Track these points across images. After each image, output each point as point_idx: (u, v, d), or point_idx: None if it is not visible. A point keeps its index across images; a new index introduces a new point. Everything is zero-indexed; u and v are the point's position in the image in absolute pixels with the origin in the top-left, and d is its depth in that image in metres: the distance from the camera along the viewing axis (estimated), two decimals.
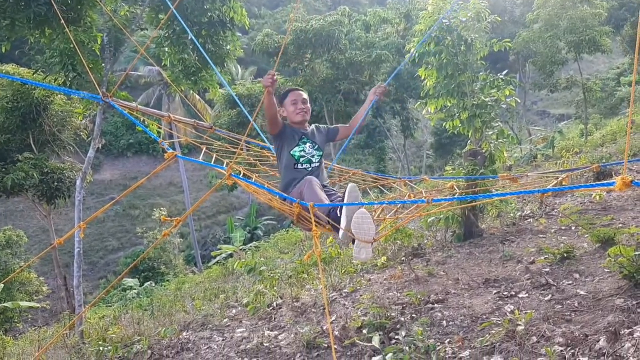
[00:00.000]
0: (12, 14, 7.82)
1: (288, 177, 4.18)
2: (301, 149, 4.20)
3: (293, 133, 4.24)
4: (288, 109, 4.26)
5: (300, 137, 4.24)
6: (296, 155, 4.18)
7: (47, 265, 25.83)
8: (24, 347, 11.07)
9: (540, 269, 6.54)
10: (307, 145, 4.23)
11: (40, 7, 7.72)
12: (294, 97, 4.26)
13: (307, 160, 4.21)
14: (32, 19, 8.06)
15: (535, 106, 48.99)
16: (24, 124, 14.82)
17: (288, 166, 4.19)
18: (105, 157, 41.88)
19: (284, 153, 4.22)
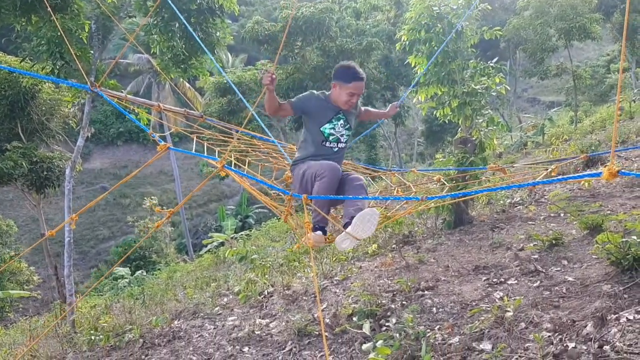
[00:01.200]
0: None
1: (311, 150, 4.07)
2: (332, 126, 4.07)
3: (328, 108, 4.09)
4: (341, 94, 4.05)
5: (335, 113, 4.09)
6: (326, 132, 4.05)
7: (37, 254, 25.75)
8: (15, 337, 11.07)
9: (529, 256, 6.59)
10: (339, 123, 4.10)
11: None
12: (356, 90, 4.05)
13: (336, 139, 4.10)
14: (18, 6, 7.96)
15: (525, 93, 49.12)
16: (12, 113, 14.69)
17: (315, 141, 4.07)
18: (95, 146, 41.65)
19: (313, 127, 4.08)
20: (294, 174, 4.16)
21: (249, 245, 15.77)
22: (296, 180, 4.11)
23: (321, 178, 3.75)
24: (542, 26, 21.59)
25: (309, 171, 3.88)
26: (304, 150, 4.14)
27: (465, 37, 9.74)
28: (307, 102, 4.08)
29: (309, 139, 4.12)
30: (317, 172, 3.80)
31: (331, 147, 4.09)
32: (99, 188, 38.44)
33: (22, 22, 8.66)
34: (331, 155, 4.07)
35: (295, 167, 4.15)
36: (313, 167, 3.88)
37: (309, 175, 3.87)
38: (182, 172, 37.09)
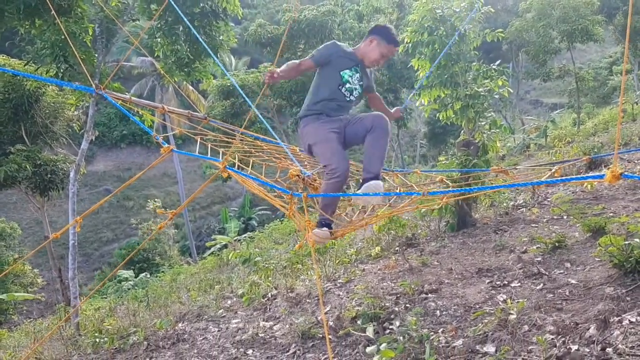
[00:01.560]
0: (1, 4, 7.77)
1: (324, 93, 3.97)
2: (351, 75, 4.01)
3: (349, 58, 4.04)
4: (375, 51, 4.05)
5: (355, 64, 4.06)
6: (345, 77, 3.99)
7: (41, 257, 25.81)
8: (20, 339, 11.09)
9: (533, 259, 6.60)
10: (357, 75, 4.06)
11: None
12: (390, 53, 4.10)
13: (350, 90, 4.03)
14: (21, 10, 7.99)
15: (528, 95, 49.05)
16: (15, 116, 14.72)
17: (331, 85, 3.97)
18: (98, 149, 41.73)
19: (331, 71, 3.99)
20: (302, 129, 4.04)
21: (252, 247, 15.79)
22: (303, 137, 4.03)
23: (332, 177, 3.69)
24: (545, 28, 21.59)
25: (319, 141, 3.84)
26: (316, 94, 4.02)
27: (468, 39, 9.75)
28: (330, 50, 4.02)
29: (323, 82, 4.01)
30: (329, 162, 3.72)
31: (345, 94, 4.00)
32: (103, 190, 38.50)
33: (25, 25, 8.70)
34: (343, 104, 4.01)
35: (305, 120, 4.02)
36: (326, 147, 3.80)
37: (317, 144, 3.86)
38: (185, 174, 37.15)
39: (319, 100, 3.96)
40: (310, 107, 4.00)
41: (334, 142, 3.82)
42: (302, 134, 4.02)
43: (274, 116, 25.89)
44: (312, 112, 3.98)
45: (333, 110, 3.97)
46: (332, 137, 3.83)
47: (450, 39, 9.56)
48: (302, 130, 4.04)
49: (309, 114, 3.99)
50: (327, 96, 3.95)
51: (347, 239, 11.46)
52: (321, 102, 3.95)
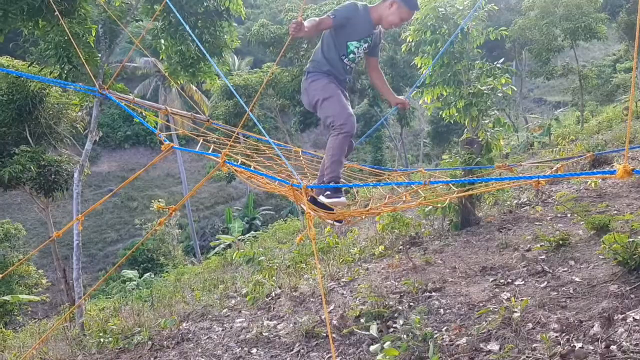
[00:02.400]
0: (5, 5, 7.77)
1: (327, 57, 4.06)
2: (357, 46, 4.07)
3: (364, 26, 4.04)
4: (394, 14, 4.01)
5: (367, 35, 4.08)
6: (350, 48, 4.05)
7: (46, 257, 25.90)
8: (25, 340, 11.13)
9: (537, 257, 6.59)
10: (364, 45, 4.11)
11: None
12: (409, 18, 4.12)
13: (353, 59, 4.12)
14: (25, 11, 8.01)
15: (531, 93, 48.97)
16: (19, 117, 14.77)
17: (334, 53, 4.05)
18: (102, 149, 41.84)
19: (339, 38, 4.03)
20: (310, 84, 4.10)
21: (256, 247, 15.81)
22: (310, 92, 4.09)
23: (341, 131, 3.79)
24: (548, 26, 21.54)
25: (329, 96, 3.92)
26: (319, 57, 4.11)
27: (471, 37, 9.74)
28: (349, 14, 3.98)
29: (327, 48, 4.08)
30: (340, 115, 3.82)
31: (346, 64, 4.11)
32: (107, 191, 38.60)
33: (29, 26, 8.71)
34: (342, 72, 4.11)
35: (313, 75, 4.10)
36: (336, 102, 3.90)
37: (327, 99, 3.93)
38: (189, 175, 37.21)
39: (325, 62, 4.07)
40: (319, 65, 4.09)
41: (342, 98, 3.97)
42: (310, 88, 4.09)
43: (277, 115, 25.90)
44: (321, 70, 4.08)
45: (338, 77, 4.11)
46: (340, 94, 3.99)
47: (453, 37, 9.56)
48: (309, 84, 4.11)
49: (317, 70, 4.09)
50: (327, 64, 4.07)
51: (351, 238, 11.46)
52: (328, 64, 4.06)
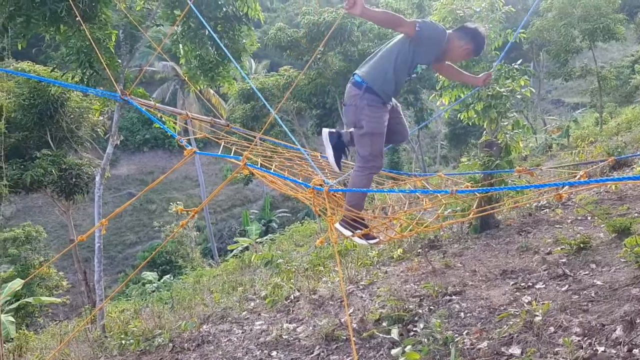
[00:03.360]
0: (27, 11, 7.90)
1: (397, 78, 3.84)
2: (423, 67, 4.01)
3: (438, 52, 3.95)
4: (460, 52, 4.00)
5: (434, 59, 4.04)
6: (417, 69, 3.97)
7: (66, 260, 26.20)
8: (46, 342, 11.27)
9: (557, 260, 6.55)
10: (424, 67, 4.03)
11: (56, 5, 7.79)
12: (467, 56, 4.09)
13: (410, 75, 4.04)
14: (47, 17, 8.13)
15: (549, 95, 48.55)
16: (41, 121, 15.00)
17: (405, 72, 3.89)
18: (122, 153, 42.24)
19: (416, 58, 3.85)
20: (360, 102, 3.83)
21: (274, 249, 15.86)
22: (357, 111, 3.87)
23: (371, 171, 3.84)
24: (566, 27, 21.36)
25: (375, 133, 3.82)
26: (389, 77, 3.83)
27: (489, 39, 9.70)
28: (436, 36, 3.82)
29: (401, 66, 3.84)
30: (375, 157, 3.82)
31: (407, 80, 4.07)
32: (126, 194, 38.97)
33: (51, 31, 8.83)
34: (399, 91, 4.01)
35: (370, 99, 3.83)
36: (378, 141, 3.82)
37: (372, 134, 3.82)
38: (206, 178, 37.42)
39: (391, 86, 3.85)
40: (383, 88, 3.84)
41: (383, 139, 3.86)
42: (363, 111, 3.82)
43: (294, 119, 25.96)
44: (382, 94, 3.84)
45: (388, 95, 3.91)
46: (384, 132, 3.85)
47: None
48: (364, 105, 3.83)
49: (379, 93, 3.83)
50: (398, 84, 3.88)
51: None
52: (391, 89, 3.86)
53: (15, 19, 7.70)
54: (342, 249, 10.53)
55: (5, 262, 20.69)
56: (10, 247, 21.20)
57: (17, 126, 14.92)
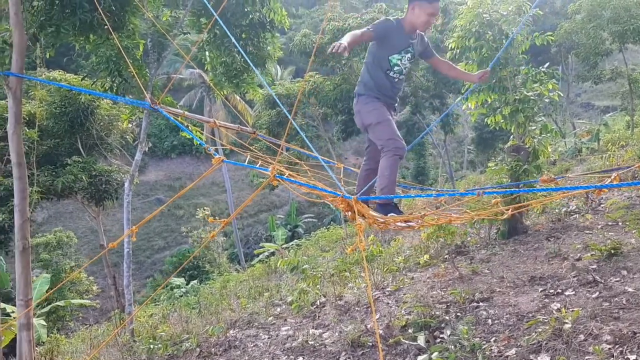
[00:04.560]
0: (58, 21, 8.06)
1: (375, 78, 4.22)
2: (400, 58, 4.20)
3: (400, 39, 4.19)
4: (421, 15, 4.15)
5: (406, 46, 4.22)
6: (393, 61, 4.19)
7: (96, 265, 26.55)
8: (77, 345, 11.47)
9: (587, 266, 6.45)
10: (407, 56, 4.23)
11: (85, 14, 7.96)
12: (435, 10, 4.17)
13: (399, 71, 4.24)
14: (77, 26, 8.29)
15: (579, 98, 47.78)
16: (72, 129, 15.29)
17: (380, 68, 4.21)
18: (150, 159, 42.75)
19: (381, 54, 4.21)
20: (361, 107, 4.28)
21: (300, 255, 15.89)
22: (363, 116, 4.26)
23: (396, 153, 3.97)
24: (595, 30, 21.01)
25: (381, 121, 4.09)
26: (367, 78, 4.27)
27: (517, 43, 9.61)
28: (387, 29, 4.18)
29: (373, 66, 4.25)
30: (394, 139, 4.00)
31: (393, 78, 4.24)
32: (155, 200, 39.44)
33: (80, 41, 9.00)
34: (390, 86, 4.23)
35: (364, 99, 4.27)
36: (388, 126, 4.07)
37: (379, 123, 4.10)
38: (233, 183, 37.69)
39: (374, 85, 4.22)
40: (368, 89, 4.24)
41: (392, 123, 4.14)
42: (362, 111, 4.26)
43: (319, 124, 26.00)
44: (371, 93, 4.23)
45: (387, 97, 4.25)
46: (390, 119, 4.15)
47: (498, 43, 9.45)
48: (361, 107, 4.28)
49: (367, 93, 4.25)
50: (379, 82, 4.21)
51: (395, 246, 11.41)
52: (376, 87, 4.21)
53: (46, 28, 7.85)
54: (367, 254, 10.50)
55: (37, 266, 21.07)
56: (42, 252, 21.61)
57: (49, 134, 15.23)
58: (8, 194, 12.25)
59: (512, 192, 3.80)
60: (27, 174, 6.91)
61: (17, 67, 6.33)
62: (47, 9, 7.55)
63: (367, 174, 4.51)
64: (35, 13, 7.44)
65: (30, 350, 6.69)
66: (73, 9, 7.66)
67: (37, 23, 7.50)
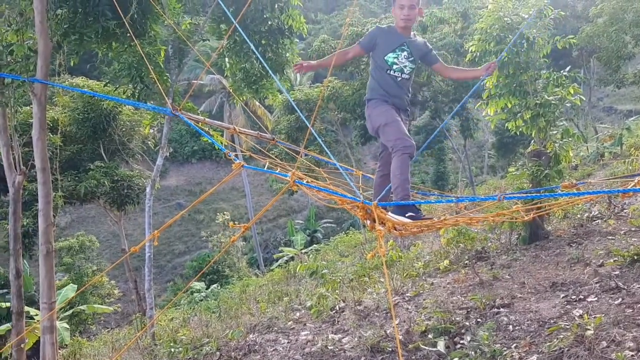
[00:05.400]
0: (81, 28, 8.19)
1: (378, 80, 4.31)
2: (396, 56, 4.25)
3: (392, 38, 4.28)
4: (395, 12, 4.27)
5: (400, 44, 4.27)
6: (389, 60, 4.25)
7: (118, 269, 26.86)
8: (99, 348, 11.60)
9: (610, 272, 6.37)
10: (403, 54, 4.27)
11: (108, 22, 8.08)
12: (402, 1, 4.21)
13: (400, 70, 4.28)
14: (100, 34, 8.42)
15: (601, 102, 47.18)
16: (94, 134, 15.52)
17: (381, 69, 4.29)
18: (171, 164, 43.12)
19: (378, 57, 4.31)
20: (371, 111, 4.37)
21: (319, 259, 15.89)
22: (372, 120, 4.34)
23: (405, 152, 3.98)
24: (617, 33, 20.76)
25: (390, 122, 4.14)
26: (372, 83, 4.39)
27: (537, 46, 9.53)
28: (373, 36, 4.34)
29: (375, 70, 4.37)
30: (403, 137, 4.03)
31: (395, 76, 4.28)
32: (175, 204, 39.75)
33: (103, 48, 9.14)
34: (394, 85, 4.28)
35: (373, 103, 4.36)
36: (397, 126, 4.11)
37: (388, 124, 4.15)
38: (252, 188, 37.86)
39: (379, 87, 4.31)
40: (375, 92, 4.34)
41: (401, 124, 4.18)
42: (372, 115, 4.34)
43: (338, 129, 26.03)
44: (378, 96, 4.32)
45: (394, 97, 4.30)
46: (399, 120, 4.20)
47: (518, 47, 9.38)
48: (370, 111, 4.37)
49: (375, 97, 4.34)
50: (382, 83, 4.30)
51: (414, 252, 11.37)
52: (382, 88, 4.30)
53: (70, 36, 7.98)
54: (387, 259, 10.48)
55: (60, 270, 21.37)
56: (65, 256, 21.92)
57: (72, 139, 15.46)
58: (32, 198, 12.44)
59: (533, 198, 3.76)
60: (51, 179, 7.03)
61: (42, 73, 6.44)
62: (71, 17, 7.67)
63: (382, 180, 4.51)
64: (59, 21, 7.57)
65: (53, 352, 6.78)
66: (96, 17, 7.77)
67: (61, 31, 7.63)
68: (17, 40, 6.39)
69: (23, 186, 7.21)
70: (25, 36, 6.52)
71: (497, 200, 3.22)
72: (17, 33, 6.43)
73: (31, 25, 6.52)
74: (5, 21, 6.59)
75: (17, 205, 7.01)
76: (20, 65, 6.48)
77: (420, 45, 4.42)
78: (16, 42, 6.37)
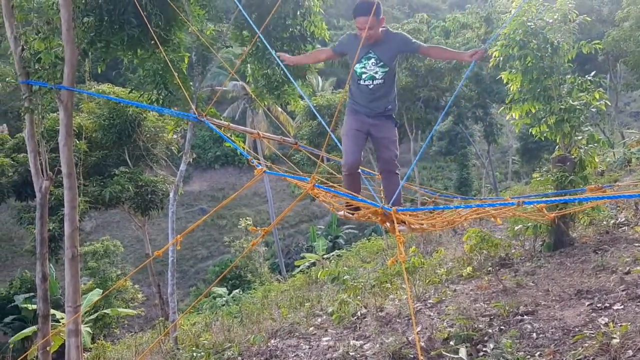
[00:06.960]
0: (107, 36, 8.33)
1: (351, 91, 4.49)
2: (362, 66, 4.30)
3: (356, 49, 4.22)
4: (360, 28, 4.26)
5: (365, 53, 4.29)
6: (358, 71, 4.33)
7: (141, 273, 27.08)
8: (122, 352, 11.71)
9: (637, 280, 6.26)
10: (370, 62, 4.29)
11: (133, 30, 8.20)
12: (358, 25, 4.22)
13: (370, 77, 4.31)
14: (125, 41, 8.56)
15: (628, 107, 46.42)
16: (119, 140, 15.75)
17: (354, 80, 4.41)
18: (194, 170, 43.46)
19: (351, 68, 4.39)
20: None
21: (341, 265, 15.85)
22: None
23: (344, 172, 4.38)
24: None
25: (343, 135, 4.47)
26: (349, 94, 4.56)
27: (562, 51, 9.43)
28: (343, 44, 4.52)
29: (351, 81, 4.49)
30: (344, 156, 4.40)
31: (366, 85, 4.34)
32: (198, 210, 40.05)
33: (128, 55, 9.28)
34: (367, 93, 4.35)
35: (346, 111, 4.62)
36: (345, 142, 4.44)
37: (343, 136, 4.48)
38: (274, 194, 37.96)
39: (351, 96, 4.51)
40: (349, 101, 4.54)
41: (352, 139, 4.40)
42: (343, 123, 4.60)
43: None
44: (349, 105, 4.54)
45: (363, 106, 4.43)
46: (351, 134, 4.41)
47: (542, 52, 9.29)
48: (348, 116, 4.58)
49: (349, 106, 4.57)
50: (353, 93, 4.45)
51: (437, 258, 11.29)
52: (352, 98, 4.48)
53: (96, 44, 8.12)
54: (409, 266, 10.41)
55: (85, 274, 21.65)
56: (90, 260, 22.19)
57: (98, 145, 15.71)
58: (58, 203, 12.65)
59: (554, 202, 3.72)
60: (77, 185, 7.14)
61: (69, 80, 6.56)
62: (97, 25, 7.81)
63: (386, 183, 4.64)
64: (85, 29, 7.71)
65: (78, 355, 6.87)
66: (122, 25, 7.90)
67: (87, 39, 7.77)
68: (45, 48, 6.51)
69: (50, 191, 7.33)
70: (52, 44, 6.64)
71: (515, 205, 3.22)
72: (44, 41, 6.55)
73: (58, 34, 6.65)
74: (33, 29, 6.73)
75: (44, 210, 7.12)
76: (48, 73, 6.61)
77: (391, 44, 4.32)
78: (44, 50, 6.49)
